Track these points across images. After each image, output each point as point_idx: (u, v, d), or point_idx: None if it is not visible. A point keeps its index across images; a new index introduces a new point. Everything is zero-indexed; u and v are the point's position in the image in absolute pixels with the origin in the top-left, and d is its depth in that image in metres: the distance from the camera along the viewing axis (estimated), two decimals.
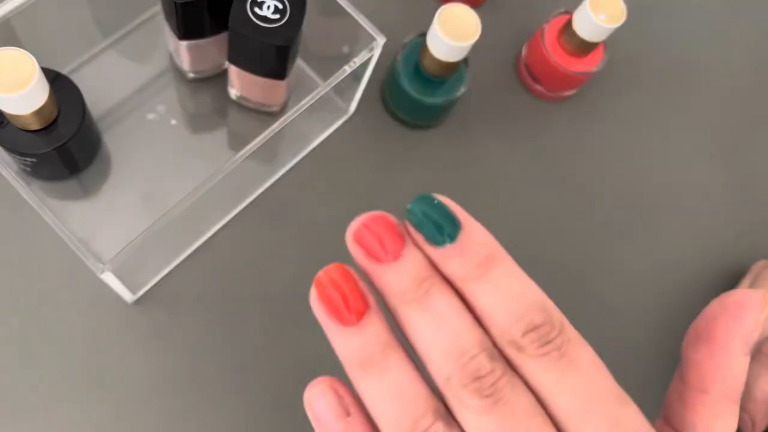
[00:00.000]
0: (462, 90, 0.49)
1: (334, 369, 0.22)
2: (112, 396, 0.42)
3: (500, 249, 0.19)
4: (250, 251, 0.47)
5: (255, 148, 0.39)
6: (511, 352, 0.18)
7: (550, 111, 0.56)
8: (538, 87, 0.55)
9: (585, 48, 0.51)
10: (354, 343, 0.19)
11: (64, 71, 0.47)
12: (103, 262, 0.35)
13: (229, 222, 0.47)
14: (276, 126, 0.39)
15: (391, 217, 0.19)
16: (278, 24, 0.40)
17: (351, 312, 0.19)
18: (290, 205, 0.49)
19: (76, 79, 0.43)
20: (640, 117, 0.58)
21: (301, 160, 0.50)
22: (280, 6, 0.40)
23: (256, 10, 0.40)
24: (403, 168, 0.52)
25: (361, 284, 0.19)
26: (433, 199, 0.19)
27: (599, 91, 0.58)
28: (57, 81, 0.41)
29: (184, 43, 0.44)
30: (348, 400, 0.20)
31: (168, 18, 0.43)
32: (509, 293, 0.19)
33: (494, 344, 0.19)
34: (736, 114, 0.61)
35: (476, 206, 0.57)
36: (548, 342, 0.18)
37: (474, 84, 0.55)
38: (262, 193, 0.49)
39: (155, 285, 0.45)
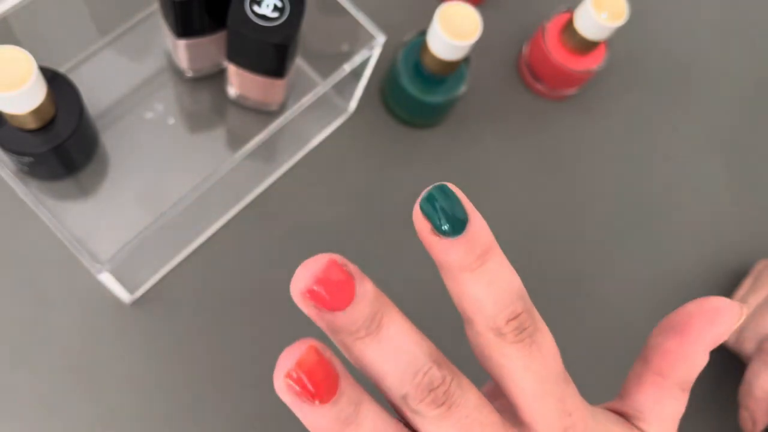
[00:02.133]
0: (462, 89, 0.49)
1: None
2: (109, 396, 0.42)
3: (495, 242, 0.20)
4: (248, 251, 0.47)
5: (254, 148, 0.38)
6: (489, 337, 0.20)
7: (552, 110, 0.56)
8: (539, 86, 0.55)
9: (586, 46, 0.51)
10: (329, 416, 0.19)
11: (62, 70, 0.47)
12: (101, 262, 0.35)
13: (227, 222, 0.47)
14: (275, 125, 0.39)
15: (337, 258, 0.19)
16: (277, 22, 0.40)
17: (326, 393, 0.19)
18: (289, 204, 0.49)
19: (73, 77, 0.43)
20: (642, 116, 0.58)
21: (300, 160, 0.50)
22: (279, 4, 0.40)
23: (255, 8, 0.40)
24: (403, 167, 0.52)
25: (333, 359, 0.19)
26: (447, 191, 0.19)
27: (601, 89, 0.58)
28: (54, 80, 0.41)
29: (182, 42, 0.44)
30: None
31: (166, 16, 0.43)
32: (500, 284, 0.20)
33: (475, 328, 0.21)
34: (738, 113, 0.60)
35: (476, 205, 0.57)
36: (524, 329, 0.20)
37: (475, 83, 0.55)
38: (261, 193, 0.48)
39: (153, 285, 0.45)
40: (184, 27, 0.42)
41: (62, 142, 0.41)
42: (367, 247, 0.48)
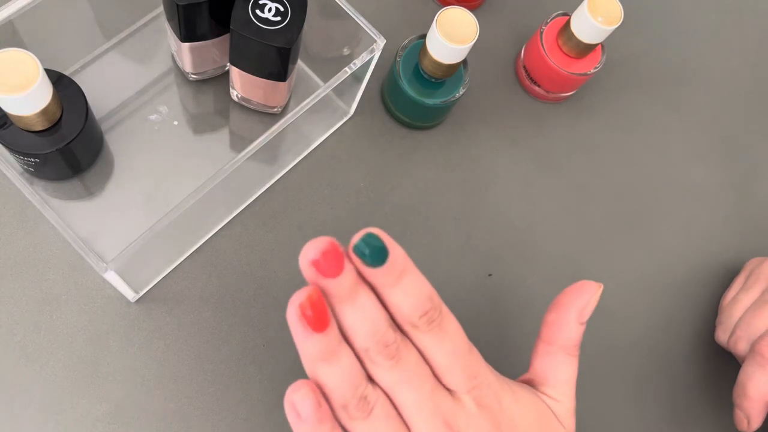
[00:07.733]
0: (461, 91, 0.50)
1: None
2: (114, 394, 0.43)
3: (410, 263, 0.27)
4: (251, 251, 0.47)
5: (256, 149, 0.39)
6: (408, 328, 0.28)
7: (549, 112, 0.57)
8: (536, 88, 0.56)
9: (583, 50, 0.52)
10: (321, 344, 0.26)
11: (67, 72, 0.47)
12: (106, 262, 0.35)
13: (230, 222, 0.48)
14: (277, 127, 0.40)
15: (335, 241, 0.26)
16: (279, 26, 0.41)
17: (323, 323, 0.26)
18: (291, 205, 0.49)
19: (79, 80, 0.43)
20: (638, 118, 0.59)
21: (301, 161, 0.50)
22: (281, 8, 0.41)
23: (258, 12, 0.40)
24: (402, 168, 0.52)
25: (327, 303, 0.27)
26: (372, 236, 0.26)
27: (597, 92, 0.58)
28: (60, 82, 0.42)
29: (186, 45, 0.44)
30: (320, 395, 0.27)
31: (170, 20, 0.44)
32: (412, 293, 0.27)
33: (394, 321, 0.28)
34: (733, 114, 0.61)
35: (474, 206, 0.58)
36: (432, 321, 0.28)
37: (473, 85, 0.55)
38: (264, 193, 0.49)
39: (157, 284, 0.45)
40: (187, 31, 0.43)
41: (68, 143, 0.41)
42: None
